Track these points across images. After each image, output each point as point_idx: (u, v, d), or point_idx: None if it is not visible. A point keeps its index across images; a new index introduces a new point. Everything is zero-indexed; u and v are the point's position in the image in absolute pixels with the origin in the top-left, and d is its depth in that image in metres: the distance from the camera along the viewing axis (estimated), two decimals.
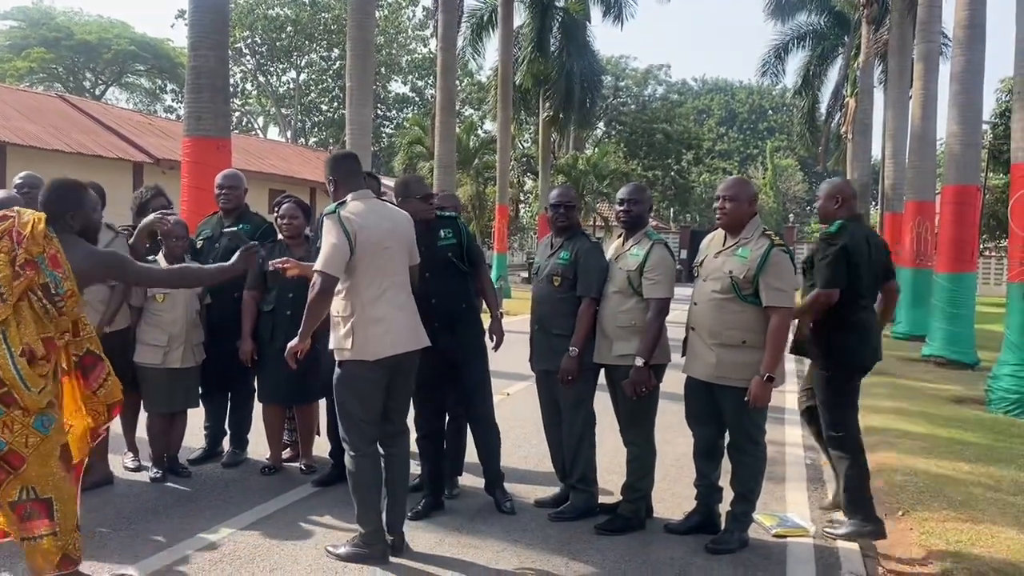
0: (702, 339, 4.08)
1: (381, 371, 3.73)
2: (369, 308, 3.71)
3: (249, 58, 45.99)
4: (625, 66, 51.00)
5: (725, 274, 4.01)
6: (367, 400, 3.75)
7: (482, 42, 26.08)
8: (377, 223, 3.77)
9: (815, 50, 29.11)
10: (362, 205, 3.77)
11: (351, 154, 4.13)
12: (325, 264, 3.61)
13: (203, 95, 8.81)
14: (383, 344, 3.71)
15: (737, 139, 65.16)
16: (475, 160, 31.37)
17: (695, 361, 4.13)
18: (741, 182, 4.21)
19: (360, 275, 3.71)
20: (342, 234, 3.64)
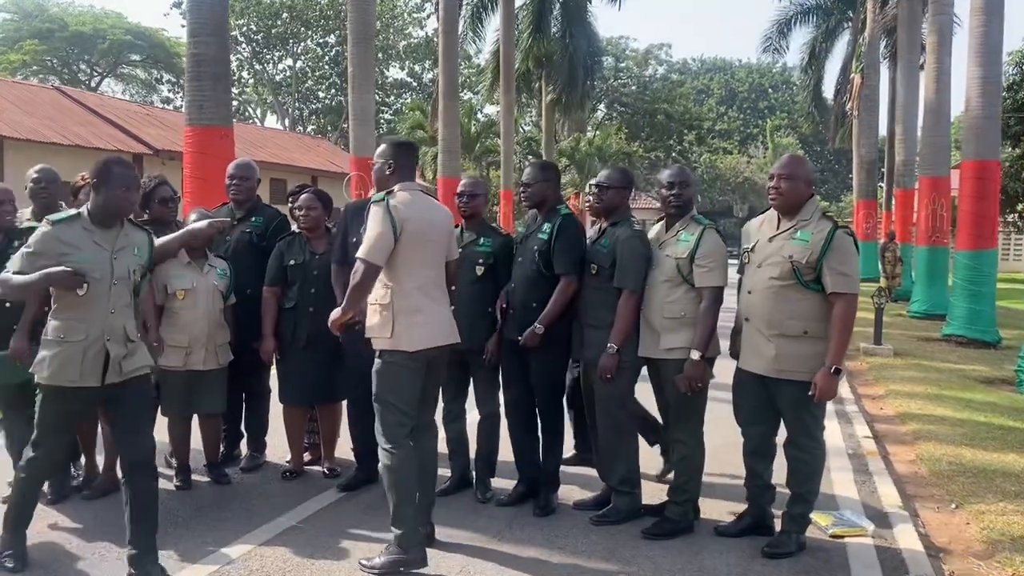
0: (759, 330, 3.80)
1: (419, 362, 3.66)
2: (409, 298, 3.66)
3: (244, 46, 45.51)
4: (625, 47, 50.48)
5: (784, 259, 3.74)
6: (405, 391, 3.67)
7: (482, 24, 25.74)
8: (422, 215, 3.71)
9: (820, 26, 28.71)
10: (409, 196, 3.70)
11: (413, 143, 4.07)
12: (369, 252, 3.56)
13: (204, 83, 8.56)
14: (422, 335, 3.66)
15: (737, 118, 64.66)
16: (477, 145, 31.02)
17: (751, 354, 3.86)
18: (797, 160, 3.93)
19: (402, 265, 3.65)
20: (389, 223, 3.58)
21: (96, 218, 3.38)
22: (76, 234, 3.34)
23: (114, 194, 3.35)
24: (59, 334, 3.33)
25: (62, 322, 3.35)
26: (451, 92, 17.88)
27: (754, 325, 3.84)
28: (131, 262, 3.45)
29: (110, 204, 3.37)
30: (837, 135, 29.87)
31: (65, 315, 3.35)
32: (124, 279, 3.40)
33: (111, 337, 3.35)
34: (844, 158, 48.38)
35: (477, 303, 4.39)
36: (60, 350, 3.31)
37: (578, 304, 4.22)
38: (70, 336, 3.32)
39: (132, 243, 3.49)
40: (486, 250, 4.46)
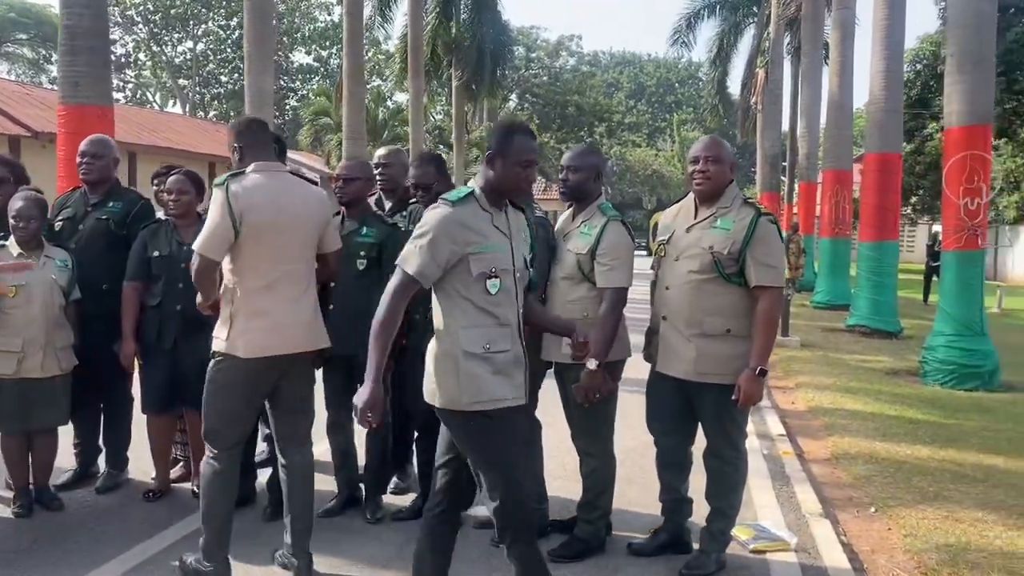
0: (677, 330, 3.44)
1: (255, 372, 3.20)
2: (252, 299, 3.19)
3: (142, 26, 43.49)
4: (536, 36, 50.29)
5: (704, 250, 3.39)
6: (230, 401, 3.24)
7: (390, 8, 25.01)
8: (272, 202, 3.20)
9: (728, 20, 29.05)
10: (260, 179, 3.21)
11: (259, 120, 3.54)
12: (202, 244, 3.14)
13: (79, 58, 7.82)
14: (261, 342, 3.19)
15: (646, 112, 65.51)
16: (385, 132, 30.30)
17: (669, 357, 3.49)
18: (720, 142, 3.58)
19: (245, 260, 3.19)
20: (226, 212, 3.12)
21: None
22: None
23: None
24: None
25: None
26: (356, 76, 17.16)
27: (672, 324, 3.47)
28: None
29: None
30: (744, 129, 30.30)
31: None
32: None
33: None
34: (747, 152, 49.46)
35: (360, 301, 3.91)
36: None
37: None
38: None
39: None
40: (368, 240, 3.99)
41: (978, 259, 8.48)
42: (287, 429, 3.42)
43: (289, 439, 3.42)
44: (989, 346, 8.30)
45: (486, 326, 2.70)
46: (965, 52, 8.25)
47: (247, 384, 3.23)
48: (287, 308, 3.23)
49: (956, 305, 8.39)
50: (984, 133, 8.28)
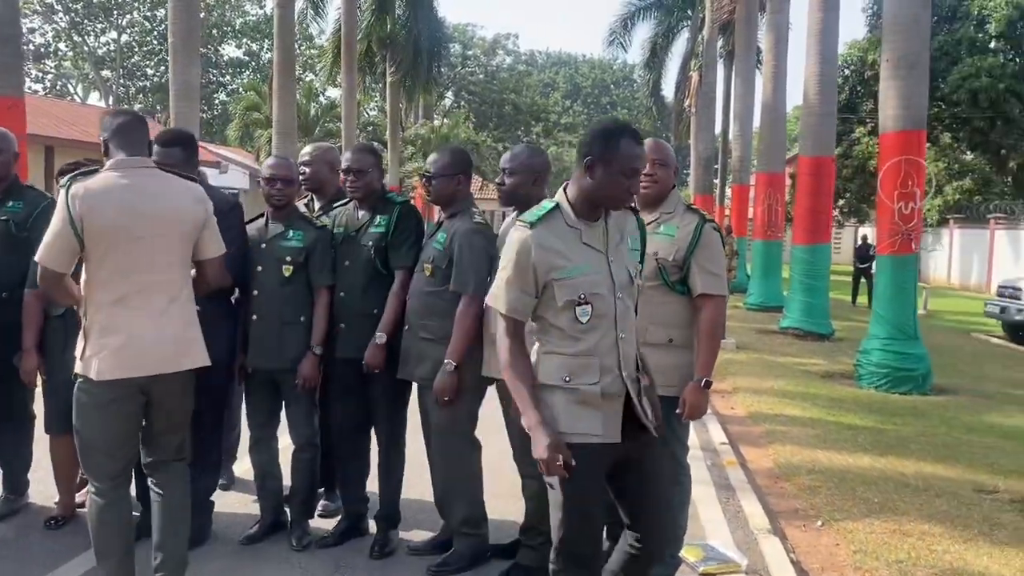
0: None
1: (112, 395, 2.87)
2: (103, 314, 2.87)
3: (62, 15, 41.79)
4: (472, 34, 50.08)
5: (649, 256, 3.21)
6: (94, 427, 2.91)
7: (324, 3, 24.47)
8: (125, 203, 2.85)
9: (661, 22, 29.27)
10: (113, 178, 2.88)
11: (129, 111, 3.25)
12: (41, 254, 2.84)
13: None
14: (114, 363, 2.85)
15: (581, 113, 65.82)
16: (317, 128, 29.67)
17: None
18: (665, 145, 3.41)
19: (94, 270, 2.87)
20: (66, 217, 2.80)
21: None
22: None
23: None
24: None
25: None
26: (287, 69, 16.64)
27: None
28: None
29: None
30: (679, 131, 30.61)
31: None
32: None
33: None
34: (680, 154, 50.16)
35: (286, 311, 3.65)
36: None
37: (408, 312, 3.56)
38: None
39: None
40: (296, 245, 3.68)
41: (912, 263, 8.57)
42: (153, 455, 3.08)
43: (156, 467, 3.08)
44: (922, 349, 8.39)
45: (567, 355, 2.45)
46: (900, 56, 8.32)
47: (108, 409, 2.89)
48: (146, 324, 2.88)
49: (890, 309, 8.46)
50: (919, 138, 8.37)
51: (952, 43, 23.45)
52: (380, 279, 3.66)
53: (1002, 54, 24.15)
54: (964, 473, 5.27)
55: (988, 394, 8.23)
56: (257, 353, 3.67)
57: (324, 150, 4.19)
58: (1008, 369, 10.26)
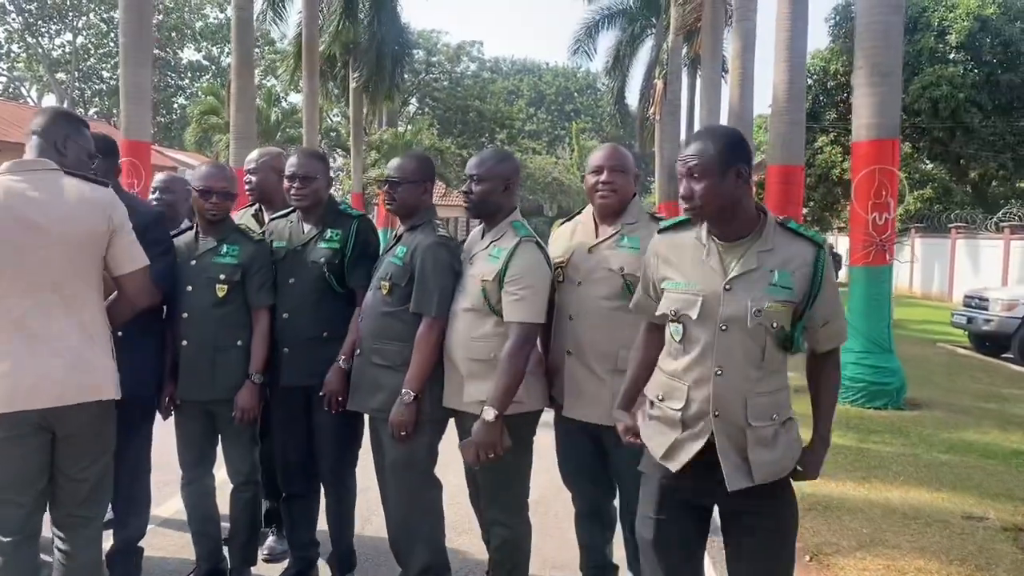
0: (587, 367, 2.94)
1: (6, 431, 2.49)
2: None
3: (15, 16, 40.72)
4: (437, 40, 49.68)
5: (613, 272, 2.92)
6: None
7: (284, 7, 23.93)
8: (8, 210, 2.46)
9: (625, 30, 29.19)
10: (2, 181, 2.49)
11: (57, 108, 2.86)
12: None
13: None
14: (5, 391, 2.46)
15: (545, 120, 65.88)
16: (278, 134, 29.10)
17: (578, 398, 2.97)
18: (623, 151, 3.10)
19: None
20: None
21: None
22: None
23: None
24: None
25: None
26: (245, 71, 16.13)
27: (580, 360, 2.96)
28: None
29: None
30: (644, 139, 30.57)
31: None
32: None
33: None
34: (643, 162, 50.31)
35: (220, 335, 3.26)
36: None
37: (363, 335, 3.19)
38: None
39: None
40: (230, 262, 3.28)
41: (886, 274, 8.37)
42: (61, 511, 2.65)
43: (65, 524, 2.66)
44: (896, 363, 8.18)
45: (665, 372, 2.39)
46: (873, 64, 8.13)
47: (1, 450, 2.49)
48: (40, 349, 2.49)
49: (864, 321, 8.24)
50: (892, 147, 8.17)
51: (913, 53, 23.59)
52: (330, 298, 3.30)
53: (962, 65, 24.34)
54: (951, 498, 5.02)
55: (962, 408, 8.05)
56: (188, 383, 3.27)
57: (272, 156, 3.81)
58: (977, 382, 10.12)
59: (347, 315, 3.31)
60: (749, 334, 2.21)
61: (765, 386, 2.25)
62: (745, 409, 2.22)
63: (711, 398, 2.23)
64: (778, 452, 2.26)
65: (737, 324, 2.21)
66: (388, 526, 3.24)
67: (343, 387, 3.22)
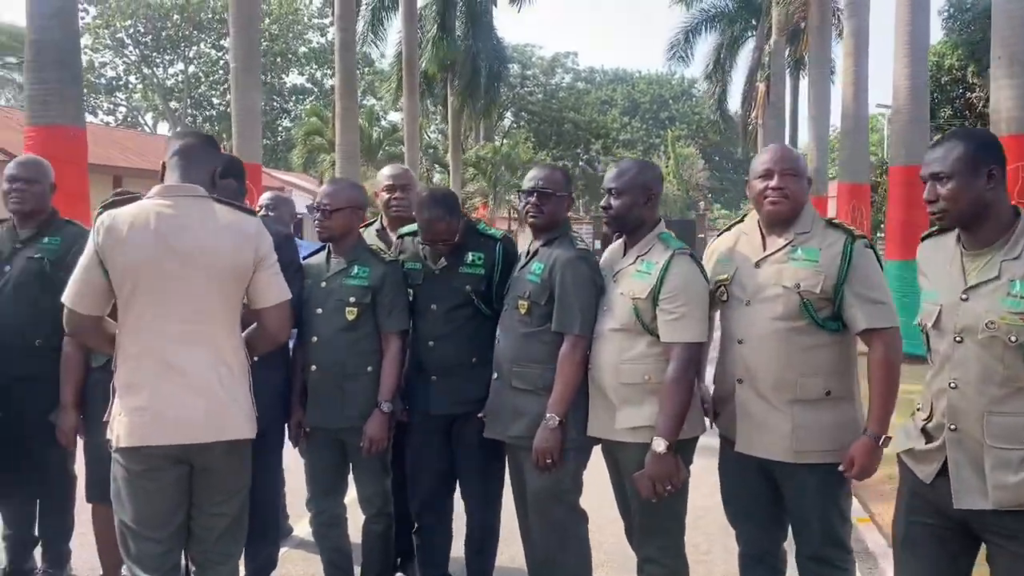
0: (762, 396, 2.66)
1: (140, 465, 2.43)
2: (129, 369, 2.45)
3: (132, 49, 42.93)
4: (531, 54, 49.90)
5: (788, 290, 2.63)
6: (125, 503, 2.48)
7: (383, 26, 24.43)
8: (156, 236, 2.39)
9: (725, 33, 28.55)
10: (148, 206, 2.45)
11: (194, 132, 2.84)
12: (66, 293, 2.48)
13: (47, 74, 7.21)
14: (136, 428, 2.41)
15: (640, 129, 65.16)
16: (379, 152, 29.63)
17: (753, 432, 2.70)
18: (793, 151, 2.84)
19: (123, 317, 2.46)
20: (91, 251, 2.44)
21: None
22: None
23: None
24: None
25: None
26: (349, 92, 16.49)
27: (753, 389, 2.68)
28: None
29: None
30: (747, 143, 29.84)
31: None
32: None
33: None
34: (741, 167, 49.14)
35: (350, 361, 3.14)
36: None
37: (497, 357, 3.02)
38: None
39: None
40: (360, 284, 3.16)
41: None
42: (199, 549, 2.58)
43: (203, 563, 2.58)
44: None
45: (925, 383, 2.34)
46: (1012, 54, 7.55)
47: (136, 483, 2.43)
48: (176, 382, 2.41)
49: None
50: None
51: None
52: (478, 323, 3.15)
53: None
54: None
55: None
56: (317, 410, 3.16)
57: (409, 171, 3.73)
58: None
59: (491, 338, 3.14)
60: (984, 347, 2.04)
61: (1010, 406, 2.06)
62: (983, 427, 2.06)
63: (947, 411, 2.15)
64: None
65: (971, 336, 2.09)
66: (529, 559, 3.05)
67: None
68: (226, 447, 2.49)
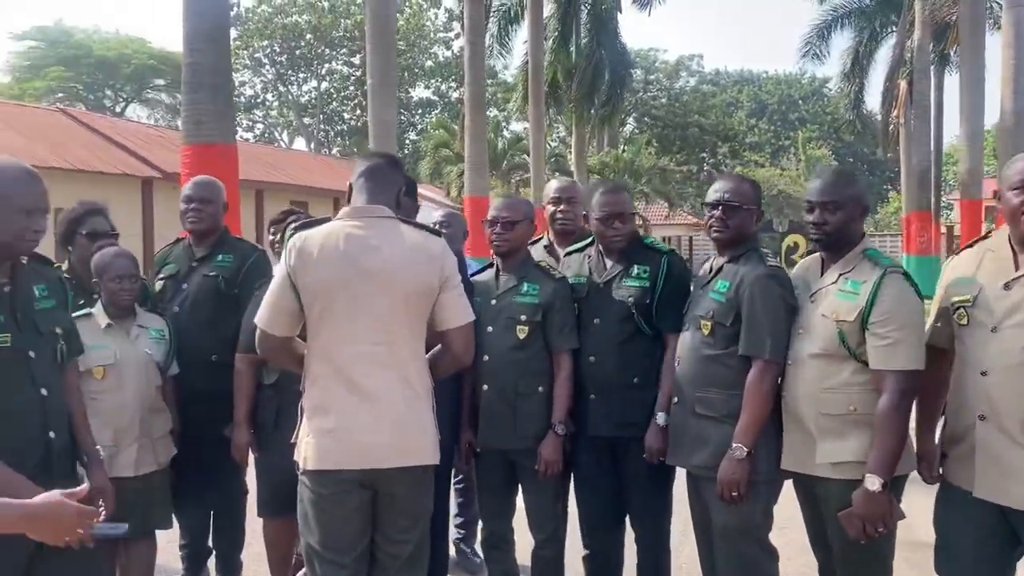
0: (1009, 436, 2.33)
1: (326, 489, 2.42)
2: (317, 391, 2.44)
3: (269, 68, 45.03)
4: (655, 59, 49.28)
5: None
6: (311, 525, 2.47)
7: (509, 37, 24.65)
8: (342, 256, 2.37)
9: (863, 30, 27.27)
10: (338, 226, 2.43)
11: (381, 153, 2.83)
12: (260, 315, 2.50)
13: (201, 95, 7.54)
14: (323, 450, 2.40)
15: (767, 131, 63.19)
16: (504, 162, 29.88)
17: (999, 476, 2.34)
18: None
19: (312, 337, 2.46)
20: (283, 272, 2.44)
21: None
22: None
23: None
24: None
25: None
26: (478, 105, 16.70)
27: (998, 427, 2.34)
28: None
29: None
30: (887, 145, 28.43)
31: None
32: None
33: None
34: (879, 169, 46.81)
35: (522, 380, 3.04)
36: None
37: (679, 381, 2.85)
38: None
39: None
40: (531, 302, 3.06)
41: None
42: (377, 570, 2.53)
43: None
44: None
45: None
46: None
47: (321, 506, 2.42)
48: (362, 407, 2.38)
49: None
50: None
51: None
52: (640, 341, 3.00)
53: None
54: None
55: None
56: (488, 430, 3.08)
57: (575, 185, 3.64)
58: None
59: (659, 360, 2.99)
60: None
61: None
62: None
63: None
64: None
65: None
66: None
67: (663, 446, 2.92)
68: (411, 473, 2.44)
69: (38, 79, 38.17)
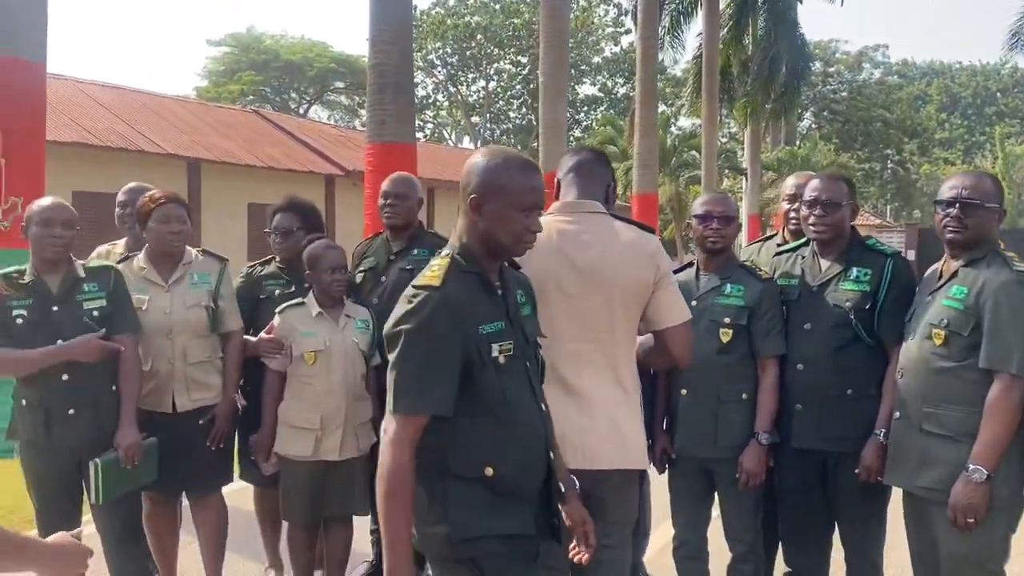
0: None
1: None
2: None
3: (440, 69, 46.40)
4: (835, 50, 46.87)
5: None
6: None
7: (682, 31, 24.11)
8: (555, 251, 2.31)
9: None
10: (550, 221, 2.35)
11: (587, 148, 2.70)
12: None
13: (386, 96, 7.80)
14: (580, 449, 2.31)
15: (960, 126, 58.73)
16: (673, 159, 29.31)
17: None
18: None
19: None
20: None
21: None
22: None
23: None
24: None
25: None
26: (648, 100, 16.44)
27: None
28: None
29: None
30: None
31: None
32: None
33: None
34: None
35: (722, 386, 2.89)
36: None
37: (903, 394, 2.62)
38: None
39: None
40: (736, 303, 2.91)
41: None
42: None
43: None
44: None
45: None
46: None
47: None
48: (574, 407, 2.31)
49: None
50: None
51: None
52: (857, 349, 2.79)
53: None
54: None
55: None
56: (687, 437, 2.95)
57: None
58: None
59: (878, 371, 2.77)
60: None
61: None
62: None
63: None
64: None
65: None
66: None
67: (878, 464, 2.71)
68: (621, 476, 2.36)
69: (232, 82, 41.16)
